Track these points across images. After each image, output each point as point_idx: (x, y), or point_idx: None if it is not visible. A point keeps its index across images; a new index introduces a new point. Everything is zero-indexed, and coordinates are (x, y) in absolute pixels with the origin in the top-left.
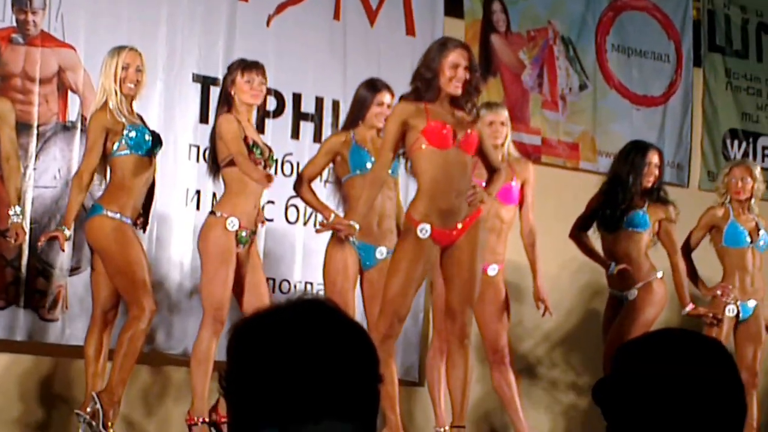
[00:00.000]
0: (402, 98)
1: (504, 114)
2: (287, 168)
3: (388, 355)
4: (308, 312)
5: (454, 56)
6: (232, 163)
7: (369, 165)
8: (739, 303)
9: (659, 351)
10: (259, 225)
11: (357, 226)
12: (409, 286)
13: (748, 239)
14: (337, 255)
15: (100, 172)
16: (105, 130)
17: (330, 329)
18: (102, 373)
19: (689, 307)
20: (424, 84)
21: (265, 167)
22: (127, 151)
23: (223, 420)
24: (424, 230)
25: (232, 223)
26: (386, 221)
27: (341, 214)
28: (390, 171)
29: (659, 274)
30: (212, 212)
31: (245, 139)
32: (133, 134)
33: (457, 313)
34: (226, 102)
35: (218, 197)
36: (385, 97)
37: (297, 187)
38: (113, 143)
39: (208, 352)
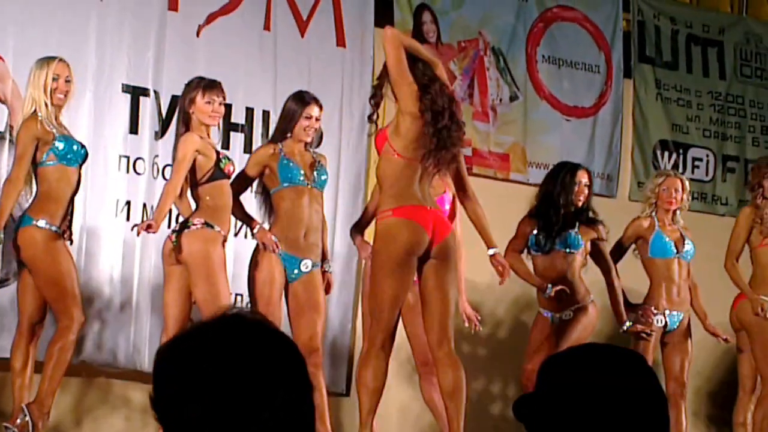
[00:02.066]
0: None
1: None
2: None
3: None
4: (232, 328)
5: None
6: (209, 179)
7: (299, 177)
8: (666, 313)
9: (582, 364)
10: None
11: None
12: None
13: (674, 250)
14: (263, 265)
15: (26, 181)
16: (35, 139)
17: (256, 344)
18: (29, 385)
19: (627, 324)
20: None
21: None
22: (56, 162)
23: None
24: None
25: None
26: (312, 234)
27: (267, 226)
28: (316, 185)
29: (591, 298)
30: (208, 225)
31: (217, 153)
32: (61, 145)
33: None
34: (184, 122)
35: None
36: (314, 110)
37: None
38: (42, 153)
39: None
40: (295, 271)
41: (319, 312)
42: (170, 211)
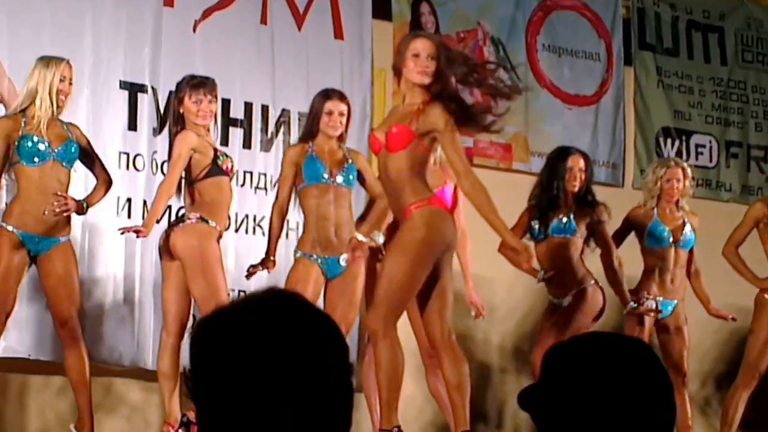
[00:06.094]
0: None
1: None
2: None
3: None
4: (276, 305)
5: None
6: (207, 176)
7: (324, 175)
8: (658, 300)
9: (585, 353)
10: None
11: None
12: None
13: (671, 239)
14: (299, 273)
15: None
16: (7, 138)
17: (300, 322)
18: None
19: (630, 305)
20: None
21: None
22: (21, 162)
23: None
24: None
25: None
26: (343, 230)
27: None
28: (341, 183)
29: (592, 281)
30: (203, 220)
31: (215, 150)
32: (26, 145)
33: None
34: (177, 121)
35: (150, 205)
36: (334, 105)
37: (273, 209)
38: (12, 152)
39: None
40: (336, 269)
41: (354, 306)
42: (170, 207)
